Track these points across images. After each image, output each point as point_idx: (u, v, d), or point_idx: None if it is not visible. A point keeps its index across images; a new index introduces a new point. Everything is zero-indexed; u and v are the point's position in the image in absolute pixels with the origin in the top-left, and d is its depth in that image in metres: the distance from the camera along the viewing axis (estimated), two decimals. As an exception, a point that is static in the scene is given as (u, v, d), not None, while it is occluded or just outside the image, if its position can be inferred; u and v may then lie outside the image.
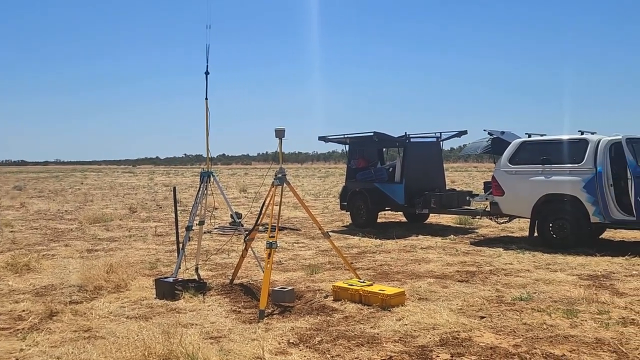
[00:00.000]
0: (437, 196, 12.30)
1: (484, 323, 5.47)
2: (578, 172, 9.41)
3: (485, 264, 8.48)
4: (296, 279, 7.73)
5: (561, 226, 9.60)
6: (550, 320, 5.50)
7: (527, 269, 8.01)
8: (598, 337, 4.95)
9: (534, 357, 4.52)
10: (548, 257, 8.81)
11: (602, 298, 6.24)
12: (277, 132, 6.64)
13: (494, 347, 4.77)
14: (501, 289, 6.84)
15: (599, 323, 5.36)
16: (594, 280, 7.27)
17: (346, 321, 5.62)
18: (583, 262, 8.39)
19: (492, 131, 11.06)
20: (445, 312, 5.76)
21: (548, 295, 6.47)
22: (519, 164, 10.15)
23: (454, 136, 13.34)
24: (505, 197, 10.28)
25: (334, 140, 14.24)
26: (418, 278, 7.61)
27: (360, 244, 10.84)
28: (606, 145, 9.34)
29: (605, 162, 9.29)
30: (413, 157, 12.87)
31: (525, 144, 10.32)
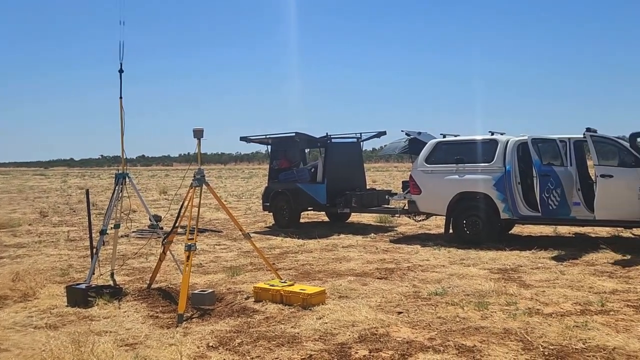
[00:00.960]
0: (358, 195, 12.54)
1: (401, 318, 5.62)
2: (489, 171, 9.89)
3: (403, 261, 8.72)
4: (217, 281, 7.63)
5: (474, 223, 10.06)
6: (463, 313, 5.73)
7: (442, 265, 8.32)
8: (506, 328, 5.22)
9: (447, 349, 4.71)
10: (462, 253, 9.19)
11: (511, 290, 6.59)
12: (196, 133, 6.53)
13: (410, 341, 4.92)
14: (418, 285, 7.07)
15: (507, 314, 5.65)
16: (504, 273, 7.66)
17: (267, 322, 5.62)
18: (494, 256, 8.81)
19: (409, 132, 11.40)
20: (364, 309, 5.88)
21: (461, 289, 6.75)
22: (435, 164, 10.53)
23: (374, 137, 13.64)
24: (422, 196, 10.63)
25: (255, 141, 14.18)
26: (339, 276, 7.71)
27: (283, 244, 10.85)
28: (514, 145, 9.88)
29: (514, 161, 9.82)
30: (334, 157, 13.04)
31: (440, 145, 10.72)
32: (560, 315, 5.57)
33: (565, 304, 5.99)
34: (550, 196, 9.11)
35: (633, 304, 5.91)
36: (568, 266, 7.93)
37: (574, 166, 9.59)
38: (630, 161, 8.87)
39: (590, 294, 6.36)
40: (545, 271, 7.66)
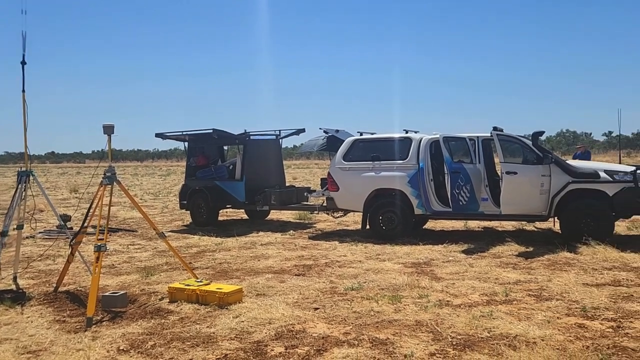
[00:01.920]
0: (277, 193, 12.54)
1: (317, 314, 5.68)
2: (403, 168, 10.18)
3: (321, 257, 8.81)
4: (130, 282, 7.39)
5: (390, 218, 10.32)
6: (377, 307, 5.87)
7: (359, 260, 8.48)
8: (418, 320, 5.40)
9: (361, 342, 4.81)
10: (378, 248, 9.41)
11: (423, 283, 6.82)
12: (106, 129, 6.29)
13: (325, 336, 4.98)
14: (335, 280, 7.17)
15: (419, 306, 5.84)
16: (417, 267, 7.91)
17: (182, 322, 5.50)
18: (408, 251, 9.09)
19: (327, 129, 11.52)
20: (281, 306, 5.89)
21: (376, 283, 6.91)
22: (352, 161, 10.70)
23: (293, 134, 13.67)
24: (340, 193, 10.79)
25: (171, 137, 13.83)
26: (257, 274, 7.68)
27: (200, 242, 10.66)
28: (427, 143, 10.23)
29: (427, 158, 10.17)
30: (253, 154, 12.96)
31: (357, 142, 10.91)
32: (468, 306, 5.83)
33: (473, 295, 6.28)
34: (461, 192, 9.51)
35: (534, 294, 6.28)
36: (476, 259, 8.32)
37: (482, 163, 10.05)
38: (533, 159, 9.41)
39: (496, 285, 6.69)
40: (455, 264, 7.99)
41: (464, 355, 4.44)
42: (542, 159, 9.28)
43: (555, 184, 9.20)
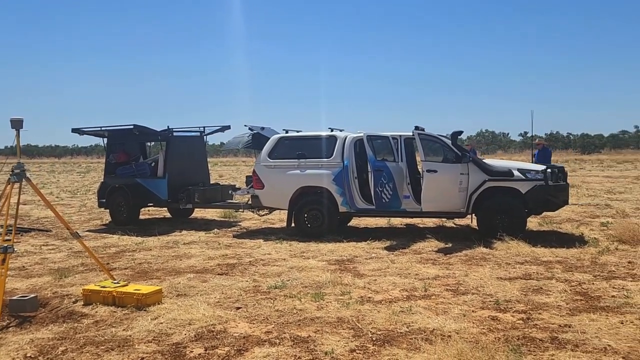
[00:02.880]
0: (200, 190, 12.30)
1: (239, 314, 5.61)
2: (328, 166, 10.25)
3: (245, 256, 8.73)
4: (42, 284, 7.01)
5: (315, 216, 10.37)
6: (300, 304, 5.87)
7: (283, 258, 8.46)
8: (340, 316, 5.44)
9: (283, 341, 4.79)
10: (303, 246, 9.43)
11: (346, 280, 6.89)
12: (14, 123, 5.92)
13: (247, 335, 4.93)
14: (258, 279, 7.11)
15: (341, 303, 5.90)
16: (340, 264, 7.99)
17: (96, 326, 5.28)
18: (332, 248, 9.16)
19: (252, 127, 11.42)
20: (202, 306, 5.77)
21: (300, 281, 6.91)
22: (278, 159, 10.66)
23: (218, 131, 13.46)
24: (265, 191, 10.72)
25: (89, 133, 13.25)
26: (178, 274, 7.50)
27: (120, 242, 10.29)
28: (351, 142, 10.35)
29: (351, 156, 10.29)
30: (176, 151, 12.65)
31: (282, 140, 10.88)
32: (388, 302, 5.94)
33: (394, 291, 6.41)
34: (384, 190, 9.69)
35: (451, 288, 6.49)
36: (398, 255, 8.50)
37: (405, 162, 10.29)
38: (452, 157, 9.73)
39: (416, 281, 6.86)
40: (378, 261, 8.13)
41: (383, 351, 4.51)
42: (461, 158, 9.62)
43: (472, 182, 9.56)
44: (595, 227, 10.91)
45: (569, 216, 12.50)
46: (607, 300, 5.82)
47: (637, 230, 9.05)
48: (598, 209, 13.78)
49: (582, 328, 4.95)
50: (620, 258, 7.90)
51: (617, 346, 4.50)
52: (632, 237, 8.88)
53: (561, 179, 9.76)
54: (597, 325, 5.03)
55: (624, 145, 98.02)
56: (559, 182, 9.65)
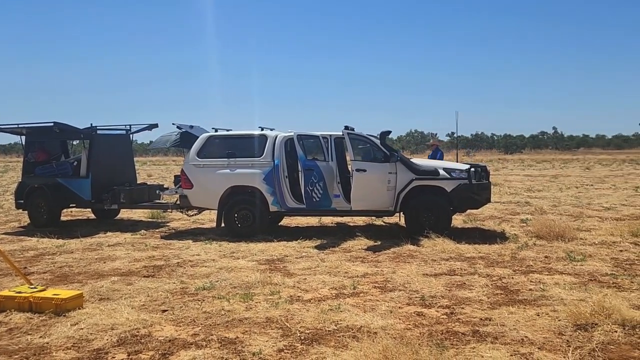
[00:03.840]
0: (126, 191, 11.91)
1: (165, 316, 5.47)
2: (259, 165, 10.18)
3: (173, 257, 8.53)
4: (-50, 292, 6.56)
5: (245, 216, 10.27)
6: (228, 305, 5.79)
7: (212, 259, 8.33)
8: (268, 316, 5.41)
9: (210, 343, 4.71)
10: (233, 246, 9.32)
11: (275, 280, 6.86)
12: None
13: (173, 339, 4.81)
14: (186, 281, 6.96)
15: (270, 303, 5.86)
16: (271, 264, 7.95)
17: (10, 334, 5.00)
18: (263, 248, 9.11)
19: (180, 125, 11.18)
20: (126, 310, 5.58)
21: (229, 282, 6.82)
22: (207, 158, 10.48)
23: (145, 129, 13.08)
24: (194, 190, 10.52)
25: (6, 130, 12.55)
26: (101, 277, 7.23)
27: (39, 245, 9.80)
28: (282, 141, 10.33)
29: (282, 156, 10.27)
30: (100, 150, 12.19)
31: (212, 139, 10.71)
32: (318, 301, 5.96)
33: (323, 290, 6.45)
34: (314, 189, 9.73)
35: (379, 285, 6.60)
36: (328, 254, 8.56)
37: (335, 161, 10.37)
38: (381, 157, 9.89)
39: (345, 279, 6.93)
40: (308, 260, 8.15)
41: (311, 349, 4.52)
42: (389, 157, 9.80)
43: (400, 181, 9.76)
44: (516, 223, 11.41)
45: (491, 213, 13.01)
46: (525, 294, 6.10)
47: (553, 226, 9.53)
48: (518, 207, 14.43)
49: (501, 321, 5.15)
50: (537, 253, 8.29)
51: (533, 337, 4.71)
52: (549, 232, 9.34)
53: (484, 177, 10.13)
54: (515, 317, 5.26)
55: (544, 146, 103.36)
56: (482, 180, 10.02)
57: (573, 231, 9.67)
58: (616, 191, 18.62)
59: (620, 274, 6.90)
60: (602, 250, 8.37)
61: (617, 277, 6.75)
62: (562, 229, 9.44)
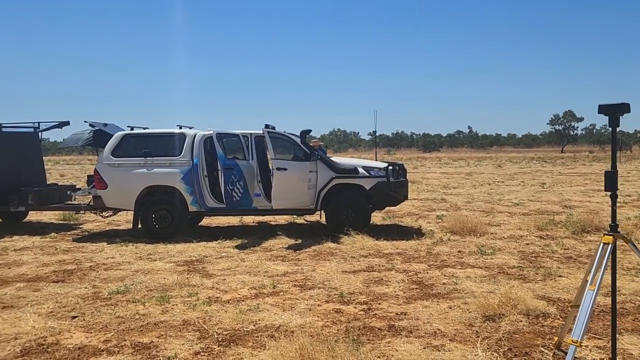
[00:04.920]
0: (35, 192, 11.28)
1: (75, 323, 5.23)
2: (177, 165, 9.95)
3: (85, 261, 8.17)
4: None
5: (163, 216, 10.01)
6: (143, 309, 5.62)
7: (128, 261, 8.05)
8: (185, 319, 5.30)
9: (123, 349, 4.55)
10: (150, 247, 9.05)
11: (193, 281, 6.73)
12: None
13: (82, 346, 4.61)
14: (99, 285, 6.69)
15: (187, 305, 5.74)
16: (189, 265, 7.79)
17: None
18: (182, 249, 8.91)
19: (93, 123, 10.71)
20: (32, 318, 5.29)
21: (145, 285, 6.61)
22: (122, 157, 10.12)
23: (55, 127, 12.43)
24: (108, 191, 10.12)
25: None
26: (6, 284, 6.81)
27: None
28: (201, 139, 10.14)
29: (201, 154, 10.08)
30: (5, 149, 11.48)
31: (127, 137, 10.34)
32: (236, 301, 5.90)
33: (243, 290, 6.39)
34: (234, 188, 9.62)
35: (299, 284, 6.62)
36: (248, 253, 8.49)
37: (255, 160, 10.30)
38: (301, 155, 9.93)
39: (265, 278, 6.90)
40: (228, 260, 8.05)
41: (228, 351, 4.47)
42: (310, 156, 9.85)
43: (321, 179, 9.85)
44: (432, 220, 11.80)
45: (409, 210, 13.38)
46: (439, 288, 6.31)
47: (466, 221, 9.94)
48: (435, 203, 14.93)
49: (416, 315, 5.31)
50: (451, 248, 8.61)
51: (445, 329, 4.88)
52: (462, 228, 9.74)
53: (401, 175, 10.40)
54: (429, 311, 5.43)
55: (460, 144, 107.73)
56: (400, 178, 10.28)
57: (484, 226, 10.13)
58: (524, 187, 19.69)
59: (526, 266, 7.30)
60: (511, 244, 8.81)
61: (524, 269, 7.13)
62: (474, 224, 9.86)
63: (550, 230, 9.91)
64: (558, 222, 10.71)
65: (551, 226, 10.19)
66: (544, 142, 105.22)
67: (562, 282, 6.38)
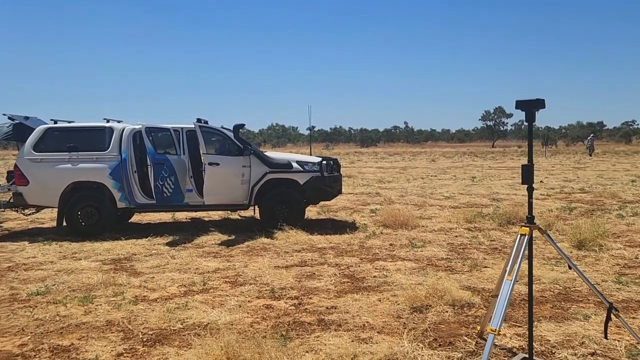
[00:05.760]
0: (-52, 189, 10.59)
1: (-12, 327, 4.94)
2: (104, 160, 9.59)
3: (4, 261, 7.75)
4: None
5: (90, 213, 9.63)
6: (65, 311, 5.38)
7: (51, 261, 7.70)
8: (109, 319, 5.11)
9: (40, 352, 4.33)
10: (75, 246, 8.70)
11: (120, 280, 6.51)
12: None
13: (-5, 352, 4.36)
14: (17, 286, 6.36)
15: (112, 305, 5.54)
16: (117, 263, 7.53)
17: None
18: (109, 247, 8.60)
19: (13, 116, 10.17)
20: (-60, 323, 4.96)
21: (68, 285, 6.33)
22: (45, 152, 9.65)
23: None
24: (30, 187, 9.63)
25: None
26: None
27: None
28: (130, 134, 9.81)
29: (130, 149, 9.75)
30: None
31: (50, 131, 9.87)
32: (164, 300, 5.75)
33: (172, 288, 6.23)
34: (165, 184, 9.38)
35: (230, 280, 6.53)
36: (179, 250, 8.30)
37: (187, 155, 10.08)
38: (235, 150, 9.80)
39: (195, 275, 6.76)
40: (157, 257, 7.84)
41: (153, 351, 4.34)
42: (243, 151, 9.74)
43: (254, 174, 9.75)
44: (366, 214, 11.93)
45: (344, 204, 13.49)
46: (370, 281, 6.38)
47: (398, 215, 10.11)
48: (369, 197, 15.12)
49: (346, 308, 5.34)
50: (383, 241, 8.74)
51: (374, 322, 4.93)
52: (395, 221, 9.90)
53: (335, 170, 10.45)
54: (359, 304, 5.47)
55: (396, 139, 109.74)
56: (334, 173, 10.33)
57: (416, 219, 10.34)
58: (456, 181, 20.26)
59: (454, 257, 7.50)
60: (440, 236, 9.03)
61: (451, 260, 7.32)
62: (406, 217, 10.05)
63: (478, 223, 10.23)
64: (486, 214, 11.08)
65: (479, 218, 10.52)
66: (476, 137, 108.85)
67: (487, 273, 6.59)
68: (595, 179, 20.16)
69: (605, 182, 18.96)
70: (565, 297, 5.61)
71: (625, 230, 9.27)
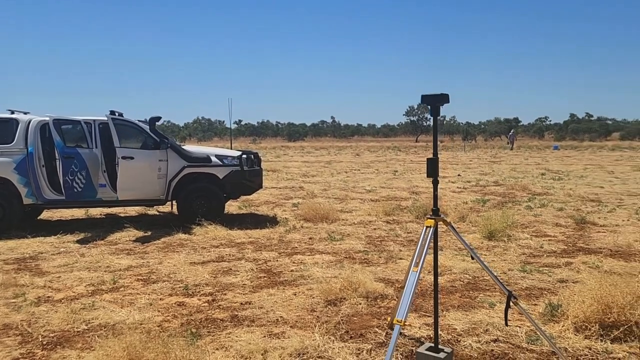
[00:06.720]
0: None
1: None
2: (8, 153, 9.02)
3: None
4: None
5: (-8, 211, 9.04)
6: (-43, 315, 5.01)
7: (-55, 262, 7.17)
8: (7, 323, 4.81)
9: None
10: (-25, 246, 8.14)
11: (22, 281, 6.15)
12: None
13: None
14: None
15: (11, 308, 5.22)
16: (20, 263, 7.11)
17: None
18: (14, 245, 8.12)
19: None
20: None
21: (-37, 287, 5.92)
22: (-60, 145, 8.96)
23: None
24: None
25: None
26: None
27: None
28: (37, 126, 9.29)
29: (37, 142, 9.23)
30: None
31: (-53, 122, 9.17)
32: (70, 300, 5.47)
33: (79, 287, 5.95)
34: (75, 179, 8.94)
35: (143, 278, 6.31)
36: (90, 248, 7.95)
37: (100, 148, 9.66)
38: (151, 144, 9.49)
39: (105, 274, 6.49)
40: (66, 256, 7.47)
41: (53, 355, 4.12)
42: (159, 144, 9.45)
43: (172, 169, 9.49)
44: (288, 208, 11.90)
45: (267, 199, 13.40)
46: (287, 275, 6.35)
47: (319, 209, 10.15)
48: (292, 191, 15.11)
49: (260, 303, 5.29)
50: (303, 235, 8.74)
51: (287, 316, 4.91)
52: (315, 215, 9.93)
53: (256, 164, 10.34)
54: (274, 299, 5.43)
55: (323, 134, 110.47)
56: (254, 167, 10.21)
57: (336, 213, 10.42)
58: (378, 175, 20.64)
59: (371, 250, 7.60)
60: (359, 229, 9.14)
61: (368, 253, 7.42)
62: (327, 211, 10.10)
63: (396, 215, 10.44)
64: (404, 207, 11.33)
65: (398, 211, 10.75)
66: (401, 132, 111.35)
67: (402, 264, 6.72)
68: (508, 172, 21.14)
69: (517, 175, 19.91)
70: (474, 286, 5.81)
71: (532, 221, 9.75)
